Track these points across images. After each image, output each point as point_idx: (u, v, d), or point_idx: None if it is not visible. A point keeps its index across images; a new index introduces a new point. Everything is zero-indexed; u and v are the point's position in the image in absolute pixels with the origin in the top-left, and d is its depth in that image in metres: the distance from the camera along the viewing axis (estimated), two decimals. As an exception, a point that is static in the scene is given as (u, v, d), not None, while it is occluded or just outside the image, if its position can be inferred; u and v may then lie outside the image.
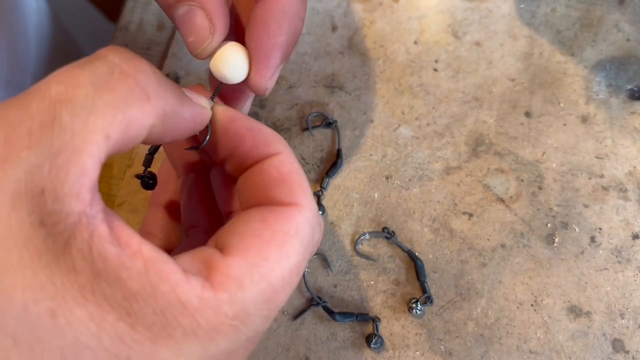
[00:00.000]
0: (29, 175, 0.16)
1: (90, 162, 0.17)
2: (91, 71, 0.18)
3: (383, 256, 0.35)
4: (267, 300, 0.20)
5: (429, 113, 0.38)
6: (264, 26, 0.25)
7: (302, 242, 0.22)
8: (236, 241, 0.21)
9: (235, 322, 0.19)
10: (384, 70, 0.39)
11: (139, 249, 0.18)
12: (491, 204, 0.36)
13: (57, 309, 0.17)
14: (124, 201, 0.38)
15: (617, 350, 0.32)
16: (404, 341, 0.33)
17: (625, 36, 0.39)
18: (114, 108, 0.18)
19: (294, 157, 0.24)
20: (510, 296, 0.33)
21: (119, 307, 0.17)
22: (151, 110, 0.19)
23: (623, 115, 0.37)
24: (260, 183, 0.23)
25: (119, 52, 0.20)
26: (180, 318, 0.18)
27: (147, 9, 0.43)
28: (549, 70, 0.39)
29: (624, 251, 0.34)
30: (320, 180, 0.37)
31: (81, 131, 0.17)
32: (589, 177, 0.36)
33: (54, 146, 0.17)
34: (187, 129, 0.23)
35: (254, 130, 0.24)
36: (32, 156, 0.17)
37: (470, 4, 0.41)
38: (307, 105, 0.39)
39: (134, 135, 0.19)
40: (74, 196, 0.17)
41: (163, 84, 0.20)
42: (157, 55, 0.42)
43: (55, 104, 0.17)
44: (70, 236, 0.17)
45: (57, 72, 0.18)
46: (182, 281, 0.18)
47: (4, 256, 0.16)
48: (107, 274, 0.17)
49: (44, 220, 0.17)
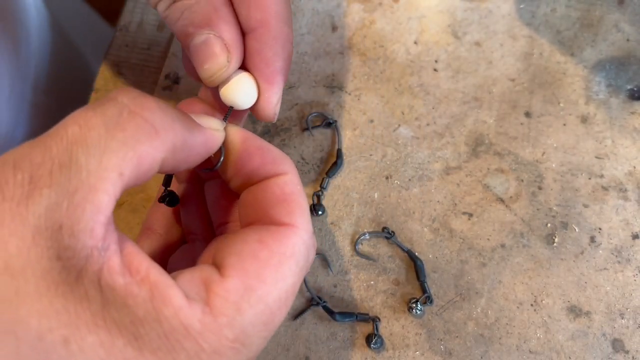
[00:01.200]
0: (49, 212, 0.18)
1: (105, 198, 0.19)
2: (103, 113, 0.20)
3: (383, 256, 0.35)
4: (265, 322, 0.21)
5: (429, 113, 0.38)
6: (261, 56, 0.27)
7: (297, 263, 0.22)
8: (234, 261, 0.21)
9: (235, 344, 0.20)
10: (384, 70, 0.39)
11: (146, 274, 0.19)
12: (491, 204, 0.36)
13: (70, 336, 0.18)
14: (124, 201, 0.38)
15: (617, 350, 0.32)
16: (404, 341, 0.33)
17: (625, 36, 0.39)
18: (125, 146, 0.19)
19: (299, 179, 0.25)
20: (510, 296, 0.33)
21: (127, 332, 0.18)
22: (160, 143, 0.21)
23: (623, 115, 0.37)
24: (262, 200, 0.24)
25: (127, 93, 0.21)
26: (183, 342, 0.19)
27: (147, 9, 0.43)
28: (549, 70, 0.39)
29: (623, 251, 0.34)
30: (320, 180, 0.37)
31: (96, 170, 0.19)
32: (589, 177, 0.36)
33: (72, 185, 0.18)
34: (200, 155, 0.24)
35: (262, 149, 0.25)
36: (52, 194, 0.18)
37: (470, 4, 0.41)
38: (307, 105, 0.39)
39: (146, 170, 0.20)
40: (88, 232, 0.18)
41: (170, 117, 0.21)
42: (157, 55, 0.42)
43: (72, 145, 0.19)
44: (83, 268, 0.18)
45: (72, 115, 0.20)
46: (184, 306, 0.19)
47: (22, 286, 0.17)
48: (115, 302, 0.18)
49: (61, 254, 0.18)
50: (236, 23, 0.27)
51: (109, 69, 0.42)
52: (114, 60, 0.42)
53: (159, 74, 0.41)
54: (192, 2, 0.26)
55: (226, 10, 0.27)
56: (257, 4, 0.26)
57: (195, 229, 0.30)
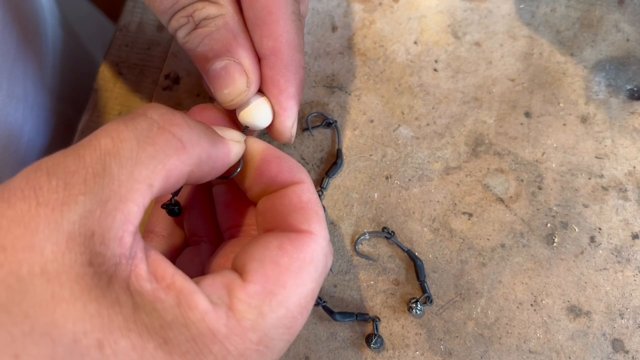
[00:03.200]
0: (83, 219, 0.18)
1: (135, 209, 0.19)
2: (134, 127, 0.21)
3: (383, 256, 0.35)
4: (287, 326, 0.22)
5: (429, 113, 0.38)
6: (274, 83, 0.28)
7: (317, 269, 0.23)
8: (255, 266, 0.22)
9: (259, 347, 0.21)
10: (384, 70, 0.39)
11: (172, 281, 0.20)
12: (491, 204, 0.36)
13: (104, 340, 0.18)
14: (124, 201, 0.38)
15: (616, 350, 0.32)
16: (404, 341, 0.33)
17: (625, 36, 0.39)
18: (155, 159, 0.20)
19: (314, 188, 0.26)
20: (510, 296, 0.33)
21: (157, 336, 0.19)
22: (187, 157, 0.21)
23: (623, 115, 0.37)
24: (280, 208, 0.25)
25: (157, 109, 0.22)
26: (210, 345, 0.20)
27: (147, 9, 0.43)
28: (549, 71, 0.39)
29: (623, 251, 0.34)
30: (320, 180, 0.37)
31: (127, 181, 0.19)
32: (589, 177, 0.36)
33: (105, 194, 0.19)
34: (224, 166, 0.25)
35: (280, 159, 0.26)
36: (87, 201, 0.19)
37: (470, 4, 0.41)
38: (307, 105, 0.39)
39: (174, 182, 0.21)
40: (117, 240, 0.19)
41: (196, 132, 0.22)
42: (157, 55, 0.42)
43: (105, 155, 0.19)
44: (112, 275, 0.19)
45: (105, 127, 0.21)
46: (209, 310, 0.20)
47: (57, 290, 0.18)
48: (145, 306, 0.19)
49: (92, 260, 0.18)
50: (253, 50, 0.28)
51: (109, 69, 0.42)
52: (114, 60, 0.42)
53: (159, 74, 0.41)
54: (213, 29, 0.27)
55: (244, 37, 0.28)
56: (269, 32, 0.27)
57: (199, 232, 0.31)
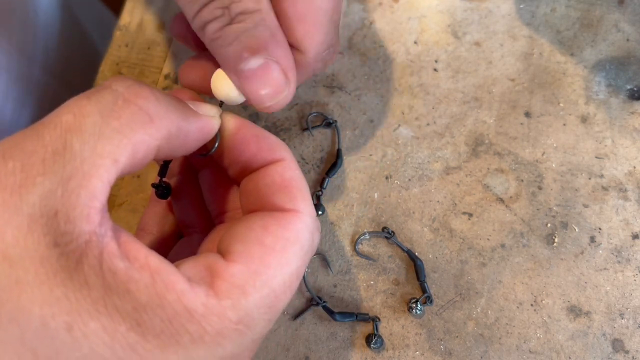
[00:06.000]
0: (44, 200, 0.18)
1: (99, 185, 0.19)
2: (97, 101, 0.20)
3: (383, 256, 0.35)
4: (270, 305, 0.21)
5: (429, 113, 0.38)
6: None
7: (302, 247, 0.23)
8: (239, 247, 0.21)
9: (239, 326, 0.20)
10: (384, 70, 0.39)
11: (146, 261, 0.19)
12: (491, 204, 0.36)
13: (73, 322, 0.18)
14: (124, 201, 0.38)
15: (616, 350, 0.32)
16: (404, 341, 0.33)
17: (625, 36, 0.39)
18: (119, 133, 0.19)
19: (296, 165, 0.25)
20: (510, 296, 0.33)
21: (130, 318, 0.18)
22: (155, 131, 0.21)
23: (623, 115, 0.37)
24: (263, 187, 0.24)
25: (122, 81, 0.21)
26: (187, 325, 0.19)
27: (147, 9, 0.43)
28: (549, 70, 0.39)
29: (623, 251, 0.34)
30: (320, 180, 0.37)
31: (90, 157, 0.19)
32: (589, 177, 0.36)
33: (66, 172, 0.18)
34: (197, 141, 0.24)
35: (259, 137, 0.25)
36: (46, 182, 0.18)
37: (470, 4, 0.41)
38: (307, 105, 0.39)
39: (141, 157, 0.20)
40: (84, 218, 0.18)
41: (165, 104, 0.21)
42: (157, 55, 0.42)
43: (66, 132, 0.19)
44: (82, 254, 0.18)
45: (67, 103, 0.20)
46: (187, 290, 0.19)
47: (21, 275, 0.17)
48: (117, 287, 0.18)
49: (58, 240, 0.18)
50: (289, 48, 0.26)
51: (109, 69, 0.42)
52: (114, 60, 0.42)
53: (159, 74, 0.41)
54: (250, 25, 0.25)
55: (282, 34, 0.26)
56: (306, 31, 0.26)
57: (191, 222, 0.30)
